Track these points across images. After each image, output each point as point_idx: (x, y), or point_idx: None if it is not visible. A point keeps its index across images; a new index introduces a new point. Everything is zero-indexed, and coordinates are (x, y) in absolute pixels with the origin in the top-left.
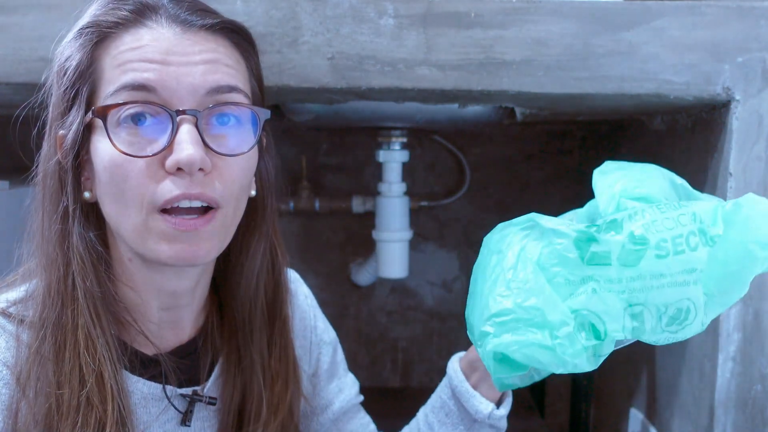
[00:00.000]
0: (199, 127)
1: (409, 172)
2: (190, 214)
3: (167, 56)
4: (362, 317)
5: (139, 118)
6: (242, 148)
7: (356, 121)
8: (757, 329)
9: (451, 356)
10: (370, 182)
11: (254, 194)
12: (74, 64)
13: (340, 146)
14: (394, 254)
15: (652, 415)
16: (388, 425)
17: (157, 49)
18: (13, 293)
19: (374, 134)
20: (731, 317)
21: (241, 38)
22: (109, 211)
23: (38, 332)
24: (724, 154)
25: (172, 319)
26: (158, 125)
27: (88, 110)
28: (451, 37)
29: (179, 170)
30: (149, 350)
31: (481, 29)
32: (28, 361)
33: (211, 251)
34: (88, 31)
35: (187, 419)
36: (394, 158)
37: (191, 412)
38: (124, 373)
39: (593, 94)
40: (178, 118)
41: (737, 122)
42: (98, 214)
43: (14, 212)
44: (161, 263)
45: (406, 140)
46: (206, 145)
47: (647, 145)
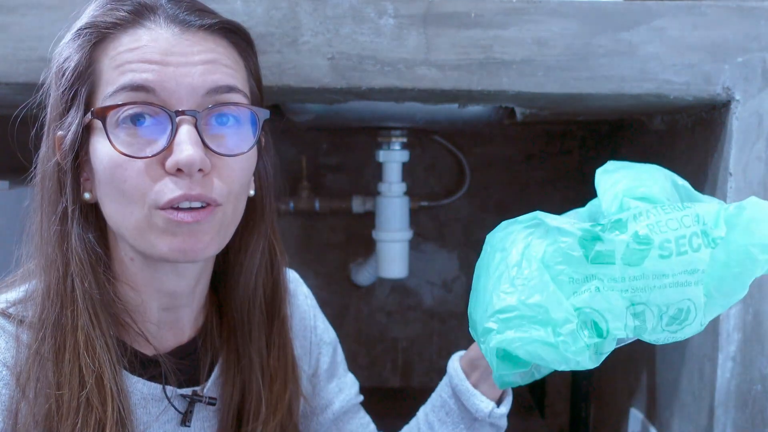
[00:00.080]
0: (198, 127)
1: (409, 172)
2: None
3: (166, 57)
4: (362, 317)
5: (138, 118)
6: (241, 148)
7: (356, 121)
8: (757, 329)
9: (450, 356)
10: (370, 182)
11: (253, 194)
12: (73, 65)
13: (340, 146)
14: (394, 254)
15: (652, 415)
16: (388, 425)
17: (155, 49)
18: (12, 294)
19: (374, 134)
20: (731, 317)
21: (239, 38)
22: (109, 210)
23: (38, 333)
24: (724, 154)
25: (171, 319)
26: (157, 126)
27: (86, 111)
28: (451, 37)
29: (179, 171)
30: (149, 351)
31: (481, 29)
32: (27, 361)
33: (210, 245)
34: (86, 31)
35: (186, 419)
36: (394, 158)
37: (191, 412)
38: (123, 373)
39: (593, 94)
40: (177, 118)
41: (737, 122)
42: (98, 215)
43: (14, 212)
44: (162, 259)
45: (406, 140)
46: (205, 145)
47: (647, 145)
